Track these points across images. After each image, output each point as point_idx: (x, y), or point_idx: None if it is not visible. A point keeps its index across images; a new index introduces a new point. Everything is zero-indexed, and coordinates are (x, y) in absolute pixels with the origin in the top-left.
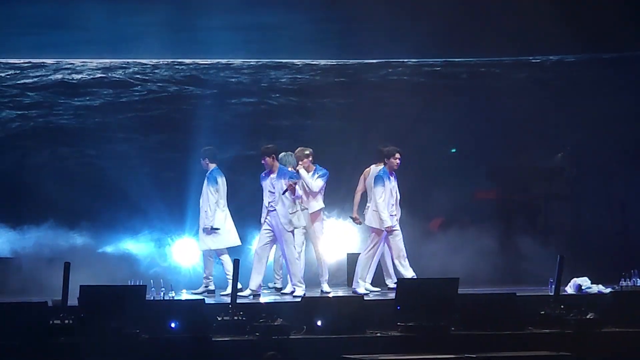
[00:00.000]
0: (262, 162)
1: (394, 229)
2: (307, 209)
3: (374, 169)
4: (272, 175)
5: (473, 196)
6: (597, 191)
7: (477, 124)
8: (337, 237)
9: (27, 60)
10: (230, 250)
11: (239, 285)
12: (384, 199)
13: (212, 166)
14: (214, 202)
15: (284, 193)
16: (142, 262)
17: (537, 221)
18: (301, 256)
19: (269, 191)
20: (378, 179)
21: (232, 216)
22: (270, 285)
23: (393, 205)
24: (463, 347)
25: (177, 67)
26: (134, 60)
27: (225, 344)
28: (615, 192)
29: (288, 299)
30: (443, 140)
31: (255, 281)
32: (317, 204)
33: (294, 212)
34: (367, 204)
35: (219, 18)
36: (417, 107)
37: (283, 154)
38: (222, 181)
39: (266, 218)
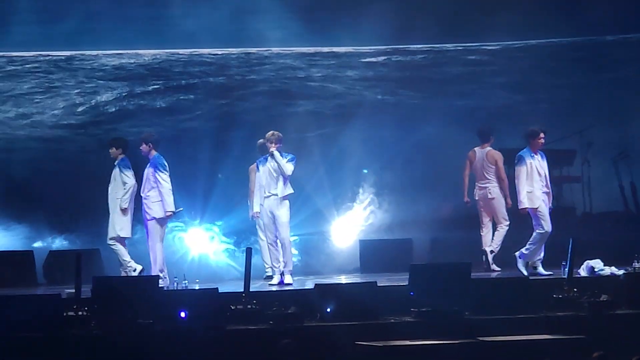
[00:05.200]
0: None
1: (534, 209)
2: (275, 194)
3: (479, 151)
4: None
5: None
6: (608, 173)
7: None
8: (350, 224)
9: None
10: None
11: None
12: (524, 179)
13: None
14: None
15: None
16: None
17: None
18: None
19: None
20: (519, 158)
21: None
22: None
23: (540, 182)
24: (476, 331)
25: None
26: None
27: (239, 332)
28: (627, 173)
29: (299, 286)
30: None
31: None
32: (287, 189)
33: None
34: (477, 183)
35: None
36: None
37: (261, 141)
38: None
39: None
